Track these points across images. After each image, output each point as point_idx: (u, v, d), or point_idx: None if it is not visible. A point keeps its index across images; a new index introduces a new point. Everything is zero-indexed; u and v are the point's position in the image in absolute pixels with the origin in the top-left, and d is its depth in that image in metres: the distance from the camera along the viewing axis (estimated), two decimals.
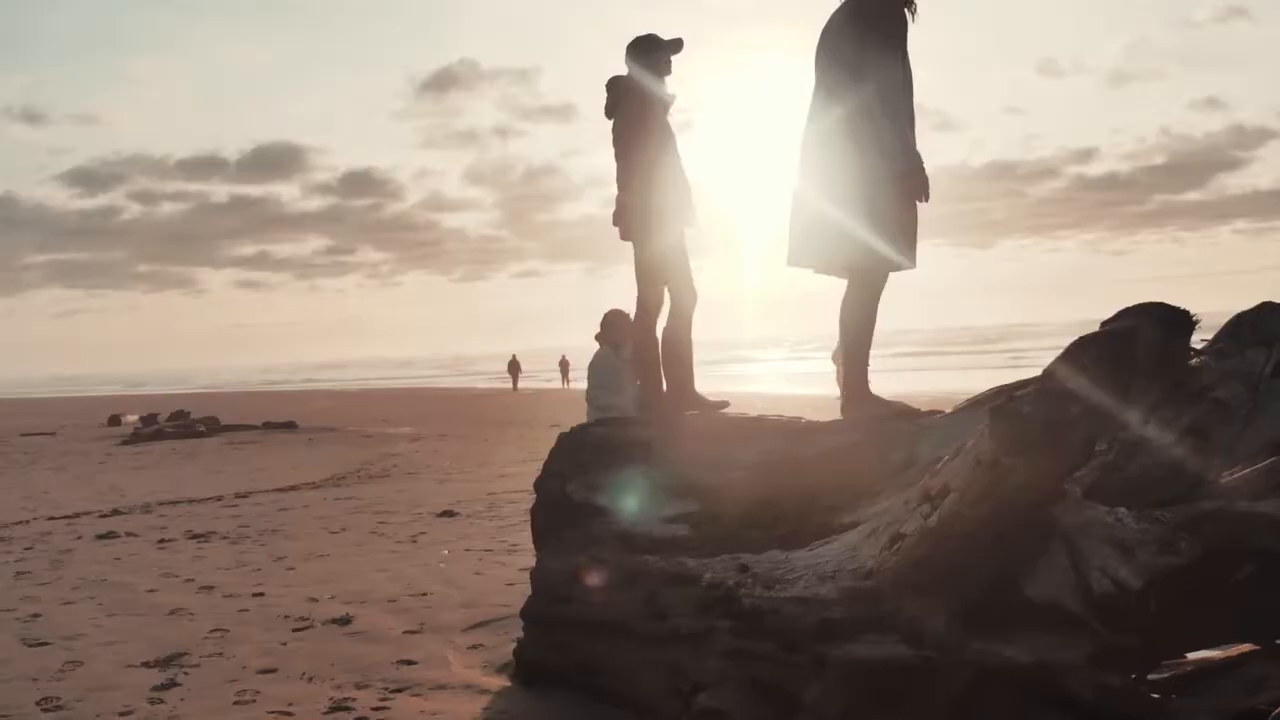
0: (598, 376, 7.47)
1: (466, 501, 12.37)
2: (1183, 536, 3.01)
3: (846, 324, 4.99)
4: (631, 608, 4.63)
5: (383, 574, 8.28)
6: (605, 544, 4.96)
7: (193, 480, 16.56)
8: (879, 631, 3.51)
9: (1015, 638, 3.24)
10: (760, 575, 4.03)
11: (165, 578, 8.48)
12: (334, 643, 6.23)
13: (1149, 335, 3.25)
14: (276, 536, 10.43)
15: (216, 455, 21.44)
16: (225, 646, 6.22)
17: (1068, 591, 3.11)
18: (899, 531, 3.42)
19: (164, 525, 11.57)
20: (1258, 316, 3.74)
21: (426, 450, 20.42)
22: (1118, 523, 3.08)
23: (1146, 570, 2.96)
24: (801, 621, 3.76)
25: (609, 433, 5.55)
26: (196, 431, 27.54)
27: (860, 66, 4.83)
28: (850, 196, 4.87)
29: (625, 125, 5.66)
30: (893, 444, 4.30)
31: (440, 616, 6.79)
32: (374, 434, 25.63)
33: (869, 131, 4.79)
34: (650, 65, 5.75)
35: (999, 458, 3.04)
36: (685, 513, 4.84)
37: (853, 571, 3.59)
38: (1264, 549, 3.31)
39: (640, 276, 5.74)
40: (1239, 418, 3.45)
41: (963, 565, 3.27)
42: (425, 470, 16.60)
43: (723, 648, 4.10)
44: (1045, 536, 3.20)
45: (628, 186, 5.64)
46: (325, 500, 13.29)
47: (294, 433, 27.35)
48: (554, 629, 5.11)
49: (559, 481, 5.47)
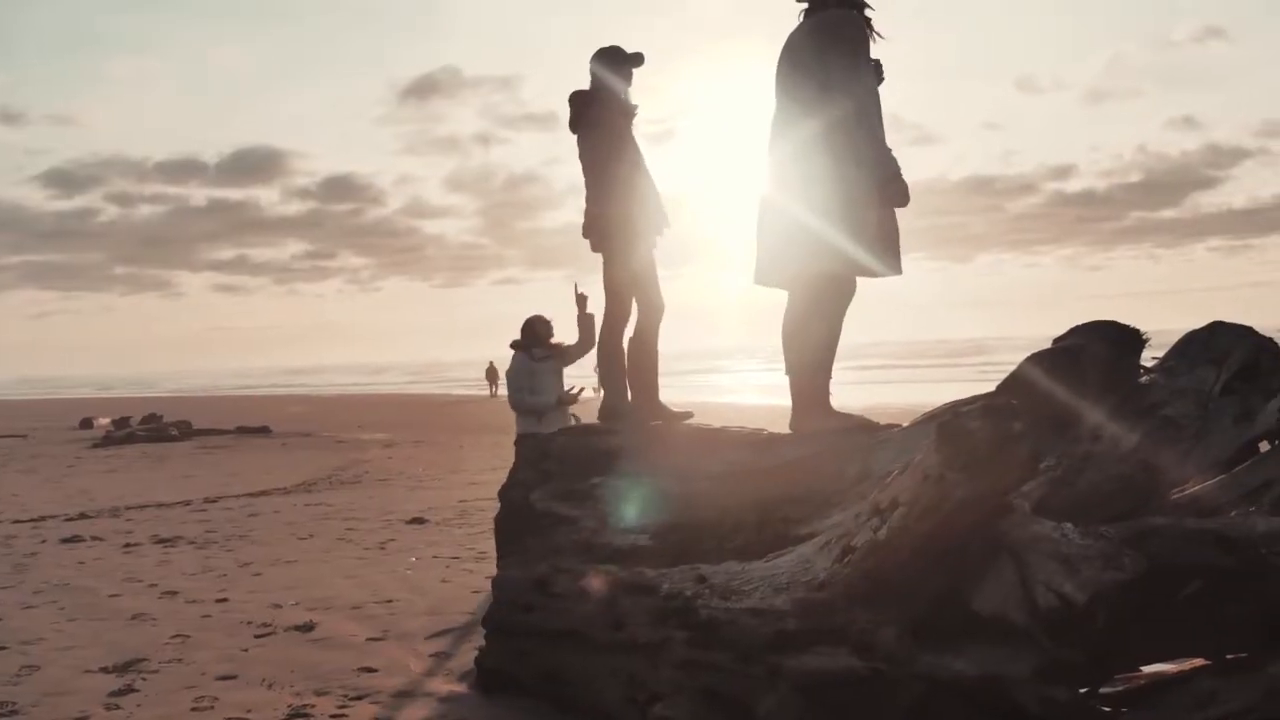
0: (515, 380, 7.78)
1: (437, 509, 12.34)
2: (1127, 552, 3.05)
3: (811, 334, 5.02)
4: (591, 617, 4.64)
5: (349, 581, 8.25)
6: (567, 553, 4.96)
7: (163, 484, 16.45)
8: (831, 644, 3.53)
9: (964, 651, 3.27)
10: (717, 586, 4.04)
11: (129, 582, 8.43)
12: (295, 649, 6.21)
13: (1098, 352, 3.29)
14: (244, 542, 10.38)
15: (188, 460, 21.31)
16: (185, 652, 6.18)
17: (1014, 605, 3.14)
18: (850, 544, 3.45)
19: (130, 530, 11.49)
20: (1209, 335, 3.78)
21: (400, 457, 20.37)
22: (1063, 538, 3.11)
23: (1091, 585, 2.99)
24: (757, 633, 3.77)
25: (573, 442, 5.57)
26: (169, 435, 27.37)
27: (828, 80, 4.88)
28: (828, 207, 4.90)
29: (593, 137, 5.68)
30: (849, 457, 4.32)
31: (404, 624, 6.77)
32: (348, 440, 25.54)
33: (845, 144, 4.82)
34: (614, 76, 5.76)
35: (944, 472, 3.07)
36: (645, 523, 4.84)
37: (806, 583, 3.61)
38: (1211, 565, 3.35)
39: (609, 287, 5.76)
40: (1188, 435, 3.49)
41: (912, 578, 3.30)
42: (397, 477, 16.56)
43: (678, 658, 4.11)
44: (993, 551, 3.23)
45: (597, 199, 5.66)
46: (295, 506, 13.23)
47: (267, 438, 27.24)
48: (515, 637, 5.11)
49: (523, 490, 5.48)
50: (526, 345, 7.77)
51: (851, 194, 4.87)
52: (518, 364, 7.78)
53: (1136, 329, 3.54)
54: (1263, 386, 3.73)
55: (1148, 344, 3.60)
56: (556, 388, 7.66)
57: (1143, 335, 3.55)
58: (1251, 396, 3.71)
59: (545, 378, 7.60)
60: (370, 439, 25.58)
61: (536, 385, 7.60)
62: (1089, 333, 3.42)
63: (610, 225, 5.60)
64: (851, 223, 4.86)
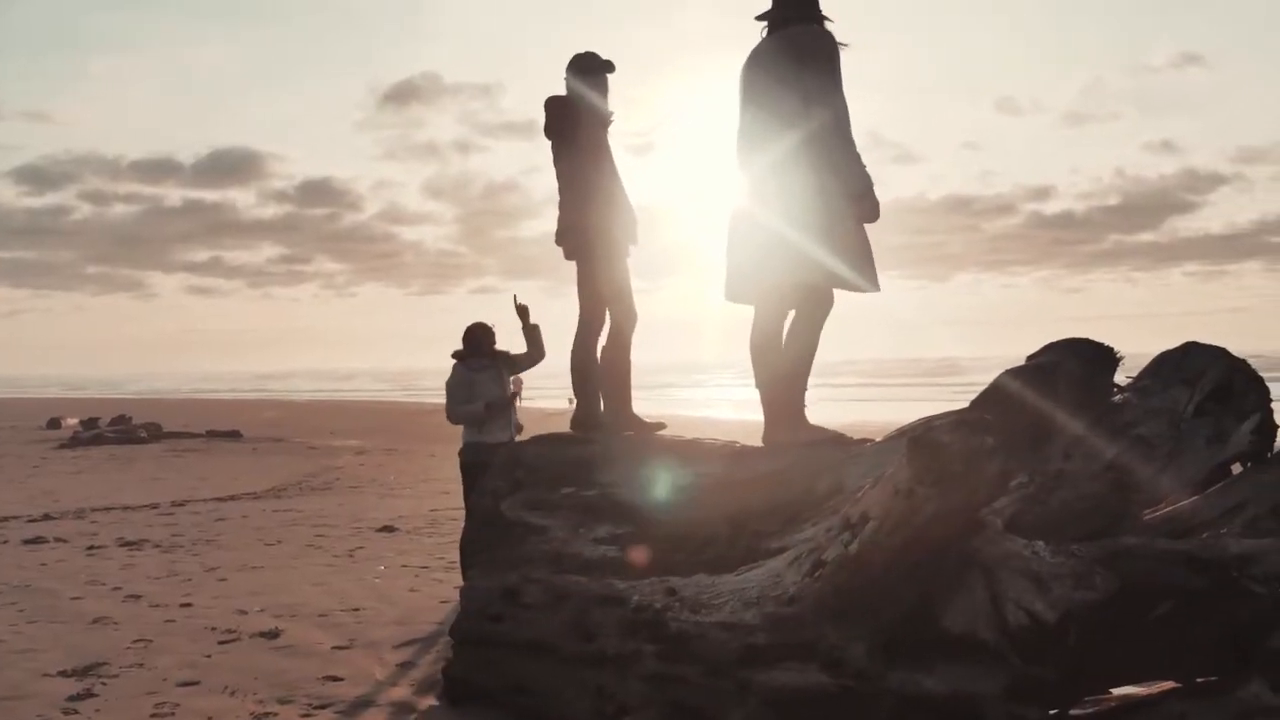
0: (452, 391, 7.73)
1: (407, 517, 12.25)
2: (1099, 571, 3.03)
3: (789, 347, 5.00)
4: (560, 628, 4.59)
5: (316, 588, 8.16)
6: (538, 563, 4.91)
7: (130, 487, 16.27)
8: (801, 659, 3.50)
9: (935, 668, 3.24)
10: (687, 599, 4.01)
11: (91, 585, 8.31)
12: (260, 656, 6.13)
13: (1072, 369, 3.28)
14: (211, 546, 10.26)
15: (156, 462, 21.08)
16: (147, 657, 6.09)
17: (983, 623, 3.11)
18: (821, 559, 3.42)
19: (95, 532, 11.35)
20: (1182, 355, 3.78)
21: (371, 464, 20.22)
22: (1034, 556, 3.09)
23: (1061, 604, 2.97)
24: (726, 647, 3.74)
25: (544, 451, 5.52)
26: (138, 437, 27.07)
27: (807, 93, 4.88)
28: (808, 219, 4.90)
29: (570, 146, 5.63)
30: (821, 471, 4.30)
31: (371, 633, 6.70)
32: (319, 446, 25.34)
33: (824, 156, 4.83)
34: (590, 83, 5.73)
35: (915, 486, 3.04)
36: (617, 533, 4.81)
37: (776, 598, 3.58)
38: (1182, 587, 3.34)
39: (583, 296, 5.71)
40: (1161, 455, 3.48)
41: (883, 594, 3.27)
42: (368, 484, 16.44)
43: (648, 671, 4.07)
44: (964, 567, 3.21)
45: (575, 208, 5.61)
46: (264, 511, 13.10)
47: (238, 442, 26.98)
48: (483, 647, 5.05)
49: (493, 499, 5.43)
50: (468, 354, 7.69)
51: (831, 206, 4.87)
52: (456, 375, 7.74)
53: (1110, 347, 3.53)
54: (1236, 408, 3.74)
55: (1122, 362, 3.60)
56: (491, 394, 7.59)
57: (1116, 353, 3.54)
58: (1224, 418, 3.71)
59: (484, 387, 7.55)
60: (342, 445, 25.39)
61: (475, 395, 7.55)
62: (1063, 350, 3.41)
63: (588, 235, 5.56)
64: (831, 234, 4.86)
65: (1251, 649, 3.56)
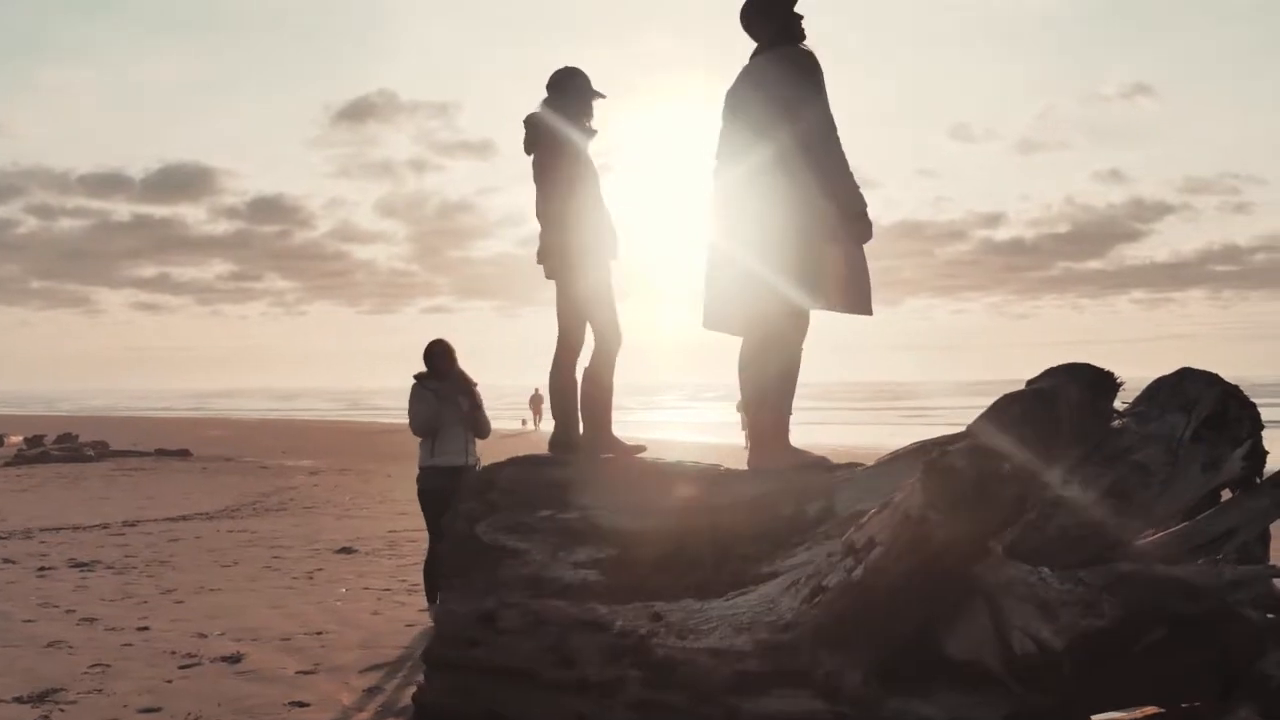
0: (409, 407, 7.60)
1: (365, 538, 12.07)
2: (1107, 598, 3.01)
3: (769, 372, 4.94)
4: (539, 653, 4.50)
5: (276, 611, 7.99)
6: (515, 587, 4.82)
7: (78, 506, 15.92)
8: (794, 686, 3.44)
9: (932, 696, 3.20)
10: (674, 625, 3.94)
11: (44, 608, 8.08)
12: (222, 681, 5.96)
13: (1073, 395, 3.26)
14: (165, 568, 10.04)
15: (105, 481, 20.67)
16: (105, 683, 5.91)
17: (988, 650, 3.08)
18: (821, 584, 3.37)
19: (45, 553, 11.06)
20: (1177, 381, 3.79)
21: (326, 484, 19.96)
22: (1041, 582, 3.06)
23: (1069, 631, 2.94)
24: (715, 673, 3.67)
25: (521, 474, 5.42)
26: (84, 456, 26.59)
27: (791, 107, 4.84)
28: (784, 238, 4.83)
29: (548, 162, 5.55)
30: (810, 495, 4.24)
31: (335, 657, 6.55)
32: (272, 466, 25.00)
33: (813, 175, 4.76)
34: (573, 99, 5.66)
35: (927, 512, 3.00)
36: (597, 558, 4.73)
37: (770, 624, 3.52)
38: (1176, 613, 3.33)
39: (562, 315, 5.62)
40: (1157, 482, 3.48)
41: (884, 621, 3.22)
42: (324, 505, 16.21)
43: (632, 698, 3.99)
44: (966, 594, 3.17)
45: (551, 224, 5.53)
46: (218, 532, 12.86)
47: (188, 461, 26.57)
48: (457, 673, 4.94)
49: (467, 522, 5.32)
50: (430, 375, 7.58)
51: (820, 226, 4.80)
52: (411, 394, 7.66)
53: (1110, 372, 3.53)
54: (1230, 435, 3.75)
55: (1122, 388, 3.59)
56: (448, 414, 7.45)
57: (1116, 378, 3.54)
58: (1219, 444, 3.72)
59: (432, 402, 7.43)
60: (295, 465, 25.07)
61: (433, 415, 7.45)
62: (1064, 375, 3.39)
63: (569, 253, 5.48)
64: (807, 253, 4.80)
65: (1239, 674, 3.57)
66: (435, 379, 7.59)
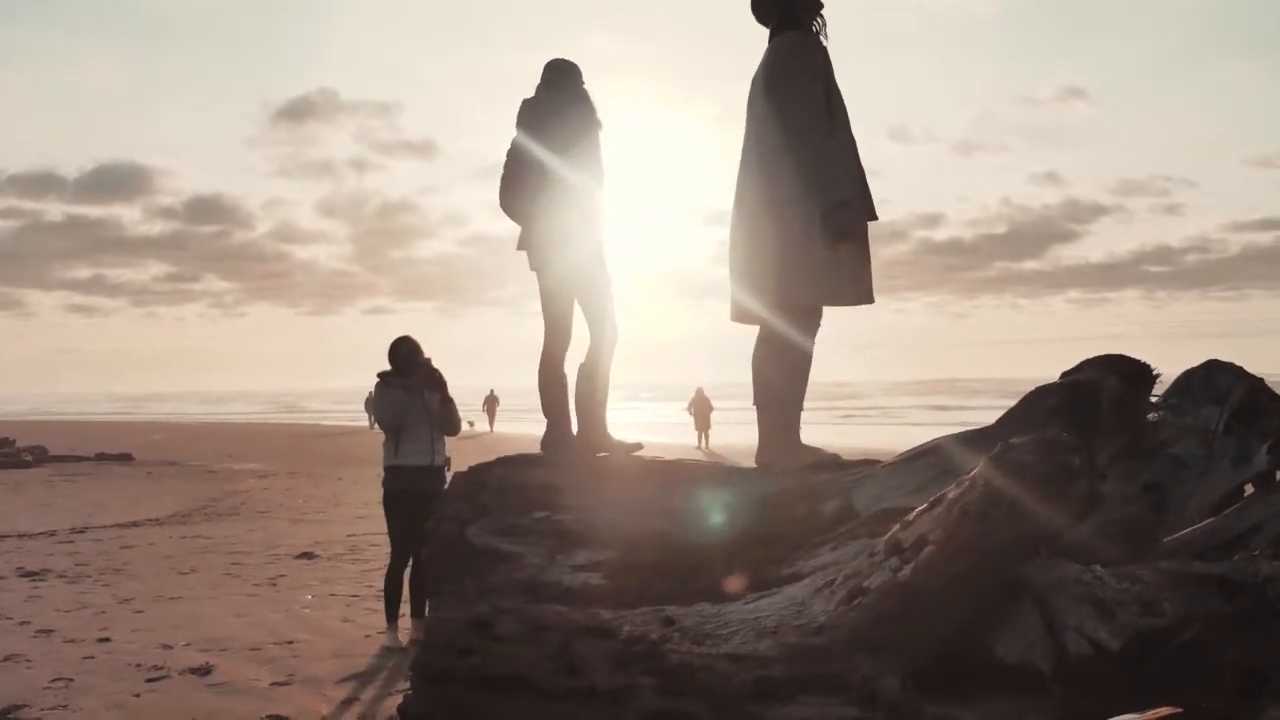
0: (375, 404, 7.52)
1: (325, 543, 11.80)
2: (1166, 596, 2.90)
3: (778, 368, 4.82)
4: (539, 662, 4.32)
5: (241, 619, 7.74)
6: (510, 592, 4.64)
7: (21, 513, 15.42)
8: (823, 692, 3.29)
9: (974, 702, 3.06)
10: (688, 629, 3.78)
11: None
12: (194, 695, 5.73)
13: (1112, 386, 3.15)
14: (120, 576, 9.71)
15: (46, 487, 20.10)
16: (70, 698, 5.65)
17: (1040, 653, 2.95)
18: (861, 585, 3.22)
19: None
20: (1207, 373, 3.70)
21: (277, 488, 19.57)
22: (1096, 581, 2.94)
23: (1127, 631, 2.83)
24: (736, 679, 3.51)
25: (511, 474, 5.24)
26: (22, 461, 25.87)
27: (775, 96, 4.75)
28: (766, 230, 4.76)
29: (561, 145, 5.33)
30: (825, 495, 4.11)
31: (309, 667, 6.34)
32: (219, 469, 24.49)
33: (804, 169, 4.66)
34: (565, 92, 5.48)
35: (988, 509, 2.87)
36: (597, 560, 4.56)
37: (799, 628, 3.37)
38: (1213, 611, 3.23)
39: (548, 312, 5.43)
40: (1193, 476, 3.39)
41: (929, 624, 3.09)
42: (277, 509, 15.85)
43: (644, 707, 3.82)
44: (1013, 594, 3.04)
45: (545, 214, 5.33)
46: (172, 538, 12.51)
47: (130, 465, 25.97)
48: (449, 684, 4.74)
49: (456, 525, 5.12)
50: (394, 373, 7.39)
51: (790, 217, 4.70)
52: (375, 392, 7.56)
53: (1147, 364, 3.44)
54: (1260, 428, 3.68)
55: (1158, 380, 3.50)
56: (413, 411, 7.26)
57: (1153, 370, 3.45)
58: (1249, 437, 3.65)
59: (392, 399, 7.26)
60: (243, 469, 24.58)
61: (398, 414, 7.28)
62: (1103, 366, 3.29)
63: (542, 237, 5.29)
64: (786, 249, 4.70)
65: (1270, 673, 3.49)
66: (399, 376, 7.38)
